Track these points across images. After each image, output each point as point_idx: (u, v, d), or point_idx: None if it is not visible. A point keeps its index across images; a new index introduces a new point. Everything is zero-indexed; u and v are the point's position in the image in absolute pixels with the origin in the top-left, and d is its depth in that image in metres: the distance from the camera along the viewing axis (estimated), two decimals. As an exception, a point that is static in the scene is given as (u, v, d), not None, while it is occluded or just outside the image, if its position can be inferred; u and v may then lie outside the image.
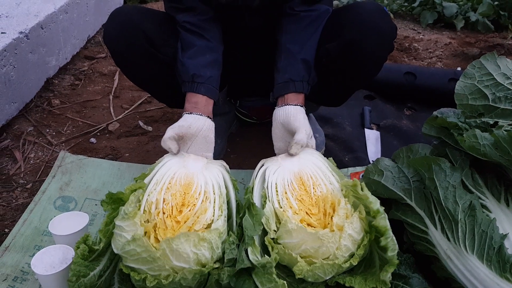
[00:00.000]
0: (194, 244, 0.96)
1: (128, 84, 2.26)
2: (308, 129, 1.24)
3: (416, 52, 2.69)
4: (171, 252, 0.95)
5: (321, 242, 0.98)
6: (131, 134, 1.85)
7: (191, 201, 1.08)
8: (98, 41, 2.71)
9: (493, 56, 1.21)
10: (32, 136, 1.79)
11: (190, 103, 1.28)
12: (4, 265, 1.16)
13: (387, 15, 1.32)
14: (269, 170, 1.16)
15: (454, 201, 1.06)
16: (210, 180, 1.14)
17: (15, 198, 1.46)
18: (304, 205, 1.09)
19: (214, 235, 1.00)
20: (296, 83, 1.29)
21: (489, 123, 1.16)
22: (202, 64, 1.29)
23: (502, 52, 2.62)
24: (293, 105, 1.28)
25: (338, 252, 0.99)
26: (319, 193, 1.11)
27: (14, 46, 1.80)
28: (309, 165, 1.17)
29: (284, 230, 1.01)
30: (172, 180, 1.12)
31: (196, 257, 0.97)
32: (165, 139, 1.19)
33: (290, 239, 1.00)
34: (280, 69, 1.32)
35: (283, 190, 1.11)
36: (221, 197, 1.12)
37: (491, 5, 3.03)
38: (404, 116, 2.01)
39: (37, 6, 2.14)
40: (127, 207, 1.01)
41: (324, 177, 1.15)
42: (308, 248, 0.99)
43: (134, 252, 0.96)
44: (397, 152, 1.34)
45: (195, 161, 1.19)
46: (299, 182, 1.13)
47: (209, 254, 0.99)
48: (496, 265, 0.96)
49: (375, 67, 1.38)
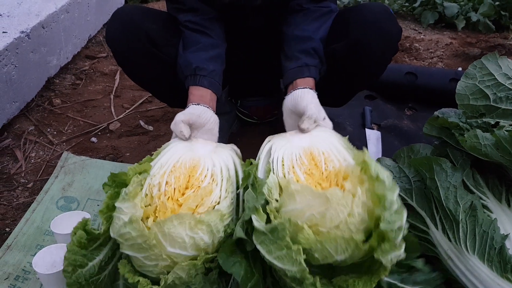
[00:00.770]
0: (190, 227, 0.86)
1: (129, 83, 2.26)
2: (319, 106, 1.16)
3: (417, 52, 2.69)
4: (164, 236, 0.85)
5: (329, 203, 0.81)
6: (132, 133, 1.85)
7: (196, 184, 0.99)
8: (99, 41, 2.71)
9: (494, 56, 1.21)
10: (33, 136, 1.79)
11: (195, 95, 1.25)
12: (6, 264, 1.17)
13: (393, 17, 1.32)
14: (276, 145, 1.05)
15: (455, 201, 1.06)
16: (218, 163, 1.05)
17: (16, 197, 1.47)
18: (313, 179, 0.96)
19: (215, 217, 0.90)
20: (310, 68, 1.26)
21: (490, 123, 1.16)
22: (205, 58, 1.27)
23: (503, 52, 2.62)
24: (301, 88, 1.22)
25: (351, 219, 0.81)
26: (331, 169, 0.97)
27: (16, 45, 1.80)
28: (321, 141, 1.04)
29: (286, 195, 0.88)
30: (177, 163, 1.03)
31: (193, 241, 0.87)
32: (177, 121, 1.13)
33: (294, 205, 0.86)
34: (292, 56, 1.28)
35: (290, 164, 0.99)
36: (229, 180, 1.02)
37: (492, 6, 3.03)
38: (405, 116, 2.01)
39: (38, 6, 2.14)
40: (128, 188, 0.93)
41: (338, 153, 1.00)
42: (314, 214, 0.83)
43: (129, 235, 0.86)
44: (398, 152, 1.34)
45: (204, 145, 1.11)
46: (309, 157, 1.01)
47: (209, 238, 0.88)
48: (497, 265, 0.96)
49: (379, 68, 1.39)
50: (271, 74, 1.53)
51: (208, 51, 1.30)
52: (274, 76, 1.54)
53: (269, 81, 1.61)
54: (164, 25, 1.35)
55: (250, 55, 1.48)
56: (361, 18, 1.30)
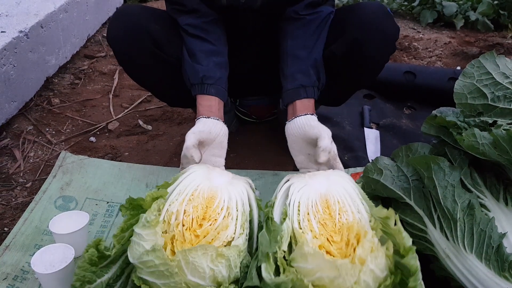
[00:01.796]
0: (211, 259, 0.90)
1: (128, 83, 2.26)
2: (329, 132, 1.18)
3: (416, 51, 2.69)
4: (186, 264, 0.89)
5: (338, 272, 0.86)
6: (130, 133, 1.85)
7: (213, 216, 1.02)
8: (98, 40, 2.71)
9: (492, 55, 1.21)
10: (32, 135, 1.79)
11: (203, 106, 1.26)
12: (4, 264, 1.17)
13: (391, 16, 1.32)
14: (294, 186, 1.07)
15: (453, 200, 1.06)
16: (234, 196, 1.07)
17: (14, 197, 1.47)
18: (326, 230, 0.99)
19: (233, 252, 0.94)
20: (307, 89, 1.27)
21: (488, 122, 1.16)
22: (210, 66, 1.28)
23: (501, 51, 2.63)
24: (303, 114, 1.24)
25: (356, 286, 0.87)
26: (344, 220, 1.00)
27: (14, 45, 1.80)
28: (338, 188, 1.07)
29: (299, 253, 0.91)
30: (195, 192, 1.06)
31: (213, 273, 0.90)
32: (188, 146, 1.15)
33: (305, 264, 0.90)
34: (288, 75, 1.29)
35: (306, 211, 1.02)
36: (244, 215, 1.05)
37: (490, 4, 3.03)
38: (404, 115, 2.01)
39: (37, 5, 2.14)
40: (149, 215, 0.96)
41: (353, 204, 1.04)
42: (323, 277, 0.88)
43: (152, 263, 0.89)
44: (396, 151, 1.34)
45: (221, 175, 1.14)
46: (325, 205, 1.03)
47: (226, 272, 0.92)
48: (495, 264, 0.96)
49: (376, 67, 1.39)
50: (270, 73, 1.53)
51: (213, 58, 1.29)
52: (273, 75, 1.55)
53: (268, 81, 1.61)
54: (166, 25, 1.35)
55: (250, 54, 1.48)
56: (359, 18, 1.30)
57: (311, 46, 1.30)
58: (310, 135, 1.19)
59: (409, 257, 0.89)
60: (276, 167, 1.60)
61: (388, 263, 0.91)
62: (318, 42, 1.31)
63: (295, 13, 1.30)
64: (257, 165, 1.62)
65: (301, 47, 1.30)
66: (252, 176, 1.53)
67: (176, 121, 1.93)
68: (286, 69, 1.30)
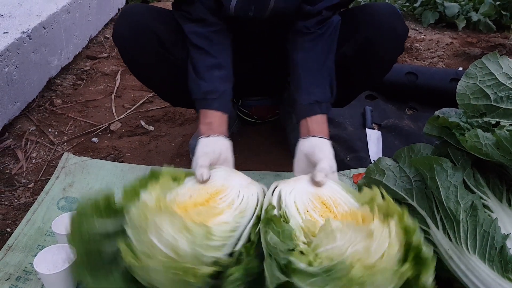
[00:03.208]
0: (176, 229, 0.90)
1: (130, 84, 2.26)
2: (332, 162, 1.16)
3: (418, 52, 2.69)
4: (155, 226, 0.90)
5: (373, 236, 0.82)
6: (133, 133, 1.85)
7: (213, 204, 1.03)
8: (100, 41, 2.72)
9: (495, 56, 1.21)
10: (34, 136, 1.79)
11: (204, 124, 1.25)
12: (7, 265, 1.17)
13: (401, 17, 1.32)
14: (284, 191, 1.06)
15: (455, 201, 1.06)
16: (242, 195, 1.08)
17: (17, 198, 1.47)
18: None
19: (202, 231, 0.91)
20: (322, 105, 1.25)
21: (491, 123, 1.16)
22: (214, 81, 1.27)
23: (504, 52, 2.62)
24: (319, 137, 1.22)
25: (391, 250, 0.83)
26: (342, 211, 1.01)
27: (17, 46, 1.80)
28: (325, 187, 1.08)
29: (325, 234, 0.86)
30: (208, 184, 1.10)
31: (174, 243, 0.89)
32: (198, 166, 1.14)
33: (334, 242, 0.84)
34: (303, 89, 1.27)
35: (304, 208, 1.00)
36: (243, 212, 1.03)
37: (492, 5, 3.03)
38: (406, 116, 2.01)
39: (39, 6, 2.14)
40: (159, 186, 1.02)
41: (342, 196, 1.05)
42: (358, 249, 0.82)
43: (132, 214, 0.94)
44: (398, 151, 1.34)
45: (240, 178, 1.15)
46: (319, 201, 1.03)
47: (188, 248, 0.90)
48: (498, 265, 0.96)
49: (385, 67, 1.39)
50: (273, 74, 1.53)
51: (216, 73, 1.28)
52: (276, 76, 1.54)
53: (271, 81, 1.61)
54: (172, 25, 1.34)
55: (253, 55, 1.48)
56: (371, 17, 1.30)
57: (323, 58, 1.28)
58: (315, 157, 1.17)
59: (406, 219, 0.90)
60: (278, 167, 1.60)
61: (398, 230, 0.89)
62: (330, 53, 1.29)
63: (307, 29, 1.28)
64: (258, 165, 1.62)
65: (314, 60, 1.28)
66: (253, 177, 1.52)
67: (178, 121, 1.94)
68: (299, 82, 1.28)
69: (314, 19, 1.27)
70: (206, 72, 1.28)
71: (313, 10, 1.26)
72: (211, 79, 1.27)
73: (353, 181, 1.50)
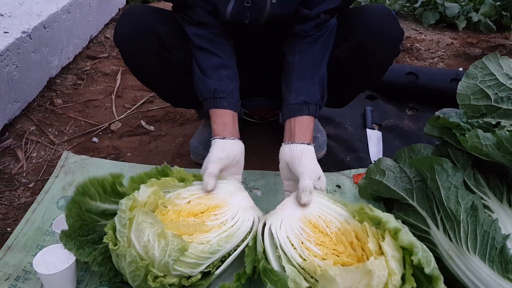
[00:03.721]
0: (154, 233, 0.94)
1: (130, 84, 2.26)
2: (313, 172, 1.15)
3: (418, 52, 2.69)
4: (136, 223, 0.96)
5: (372, 274, 0.85)
6: (133, 133, 1.85)
7: (206, 220, 1.05)
8: (101, 41, 2.71)
9: (495, 56, 1.21)
10: (35, 136, 1.79)
11: (218, 124, 1.25)
12: (7, 265, 1.17)
13: (395, 19, 1.32)
14: (274, 226, 1.04)
15: (456, 201, 1.06)
16: (238, 217, 1.09)
17: (17, 197, 1.47)
18: (327, 247, 0.98)
19: (178, 245, 0.94)
20: (310, 106, 1.25)
21: (492, 123, 1.16)
22: (221, 79, 1.27)
23: (504, 53, 2.62)
24: (300, 143, 1.21)
25: (393, 278, 0.86)
26: (334, 229, 1.01)
27: (17, 45, 1.80)
28: (311, 205, 1.07)
29: (326, 281, 0.87)
30: (210, 195, 1.12)
31: (145, 246, 0.94)
32: (207, 174, 1.14)
33: (337, 287, 0.86)
34: (293, 90, 1.27)
35: (299, 241, 0.99)
36: (230, 237, 1.04)
37: (493, 6, 3.02)
38: (406, 116, 2.01)
39: (40, 6, 2.14)
40: (163, 183, 1.09)
41: (331, 211, 1.05)
42: (359, 287, 0.86)
43: (121, 206, 0.99)
44: (399, 152, 1.34)
45: (243, 199, 1.16)
46: (311, 226, 1.03)
47: (158, 254, 0.94)
48: (499, 265, 0.96)
49: (380, 70, 1.39)
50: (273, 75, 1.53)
51: (222, 72, 1.29)
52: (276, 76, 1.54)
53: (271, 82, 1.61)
54: (173, 26, 1.34)
55: (253, 57, 1.48)
56: (364, 21, 1.29)
57: (318, 61, 1.28)
58: (295, 170, 1.16)
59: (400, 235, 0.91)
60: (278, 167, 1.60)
61: (394, 242, 0.92)
62: (325, 56, 1.29)
63: (304, 32, 1.28)
64: (259, 165, 1.62)
65: (309, 62, 1.28)
66: (254, 177, 1.53)
67: (178, 121, 1.93)
68: (291, 83, 1.28)
69: (312, 22, 1.27)
70: (213, 72, 1.28)
71: (311, 14, 1.26)
72: (218, 78, 1.27)
73: (353, 181, 1.50)
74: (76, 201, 1.04)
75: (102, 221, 1.10)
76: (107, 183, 1.07)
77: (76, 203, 1.04)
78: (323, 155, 1.66)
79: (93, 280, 1.13)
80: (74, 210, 1.05)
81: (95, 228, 1.10)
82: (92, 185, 1.05)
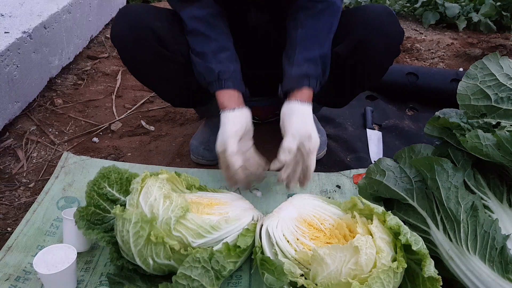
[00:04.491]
0: (161, 195, 1.02)
1: (131, 84, 2.26)
2: (298, 131, 1.16)
3: (418, 52, 2.69)
4: (146, 188, 1.04)
5: (359, 250, 0.88)
6: (133, 133, 1.85)
7: (207, 211, 1.12)
8: (101, 41, 2.72)
9: (495, 57, 1.21)
10: (35, 136, 1.79)
11: (224, 97, 1.27)
12: (7, 265, 1.17)
13: (396, 19, 1.32)
14: (270, 226, 1.09)
15: (456, 201, 1.06)
16: (238, 213, 1.14)
17: (17, 197, 1.47)
18: (321, 241, 1.02)
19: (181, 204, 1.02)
20: (311, 79, 1.25)
21: (492, 124, 1.16)
22: (222, 62, 1.28)
23: (504, 53, 2.62)
24: (293, 101, 1.22)
25: (381, 255, 0.90)
26: (329, 226, 1.06)
27: (17, 45, 1.80)
28: (305, 206, 1.13)
29: (317, 263, 0.92)
30: (215, 199, 1.19)
31: (151, 205, 1.01)
32: (230, 153, 1.17)
33: (328, 268, 0.91)
34: (295, 62, 1.27)
35: (294, 238, 1.04)
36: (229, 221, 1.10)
37: (493, 6, 3.02)
38: (406, 116, 2.01)
39: (40, 6, 2.15)
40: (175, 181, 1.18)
41: (325, 210, 1.11)
42: (350, 268, 0.89)
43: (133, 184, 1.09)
44: (399, 152, 1.34)
45: (243, 204, 1.22)
46: (305, 224, 1.08)
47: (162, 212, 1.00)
48: (499, 265, 0.96)
49: (380, 70, 1.38)
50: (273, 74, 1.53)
51: (222, 55, 1.29)
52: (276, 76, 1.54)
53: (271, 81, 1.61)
54: (170, 23, 1.34)
55: (253, 55, 1.48)
56: (364, 20, 1.29)
57: (322, 38, 1.28)
58: (283, 129, 1.19)
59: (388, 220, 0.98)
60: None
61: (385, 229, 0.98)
62: (328, 36, 1.29)
63: (307, 1, 1.29)
64: (259, 166, 1.61)
65: (312, 37, 1.28)
66: (254, 177, 1.53)
67: (178, 122, 1.94)
68: (293, 56, 1.28)
69: None
70: (213, 56, 1.29)
71: None
72: (219, 61, 1.28)
73: (353, 182, 1.50)
74: (97, 182, 1.15)
75: (112, 215, 1.14)
76: (125, 176, 1.18)
77: (94, 190, 1.15)
78: (323, 155, 1.66)
79: (93, 280, 1.14)
80: (91, 196, 1.15)
81: (105, 219, 1.16)
82: (114, 172, 1.16)
